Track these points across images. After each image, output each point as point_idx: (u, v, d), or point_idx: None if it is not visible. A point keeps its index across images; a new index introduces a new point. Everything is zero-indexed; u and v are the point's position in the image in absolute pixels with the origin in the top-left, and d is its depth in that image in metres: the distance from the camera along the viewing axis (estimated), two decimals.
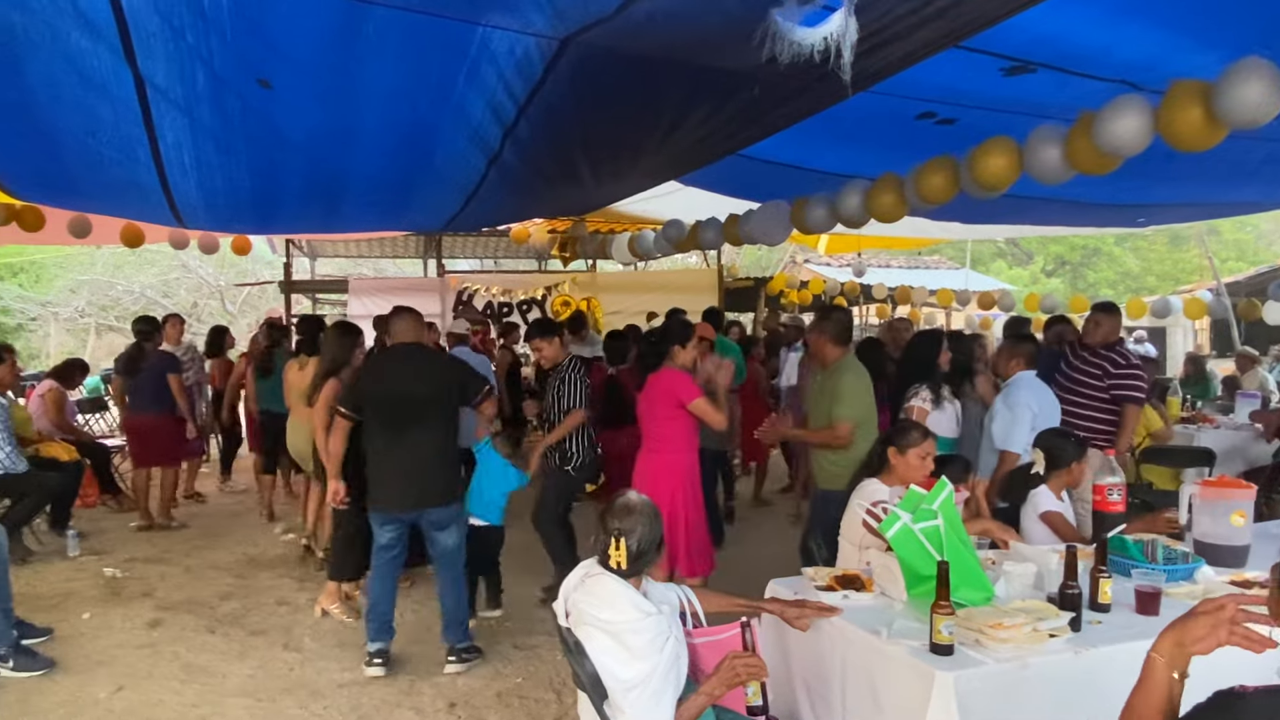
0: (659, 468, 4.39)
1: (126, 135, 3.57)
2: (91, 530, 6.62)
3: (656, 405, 4.42)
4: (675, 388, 4.37)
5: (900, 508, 2.59)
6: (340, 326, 5.25)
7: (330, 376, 4.74)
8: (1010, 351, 4.57)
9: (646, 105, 3.64)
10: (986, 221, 7.77)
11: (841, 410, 4.07)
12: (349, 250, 14.70)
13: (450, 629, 4.18)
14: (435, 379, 4.13)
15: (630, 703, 2.15)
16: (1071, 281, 25.90)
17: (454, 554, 4.18)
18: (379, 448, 4.10)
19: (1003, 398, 4.45)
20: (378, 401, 4.09)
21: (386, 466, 4.08)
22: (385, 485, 4.09)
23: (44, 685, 4.02)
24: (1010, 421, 4.31)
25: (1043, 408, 4.35)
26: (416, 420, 4.04)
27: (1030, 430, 4.23)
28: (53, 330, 22.89)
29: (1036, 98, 3.81)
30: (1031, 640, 2.26)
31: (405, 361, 4.15)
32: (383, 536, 4.13)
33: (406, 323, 4.23)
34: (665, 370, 4.45)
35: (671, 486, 4.32)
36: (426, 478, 4.06)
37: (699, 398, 4.34)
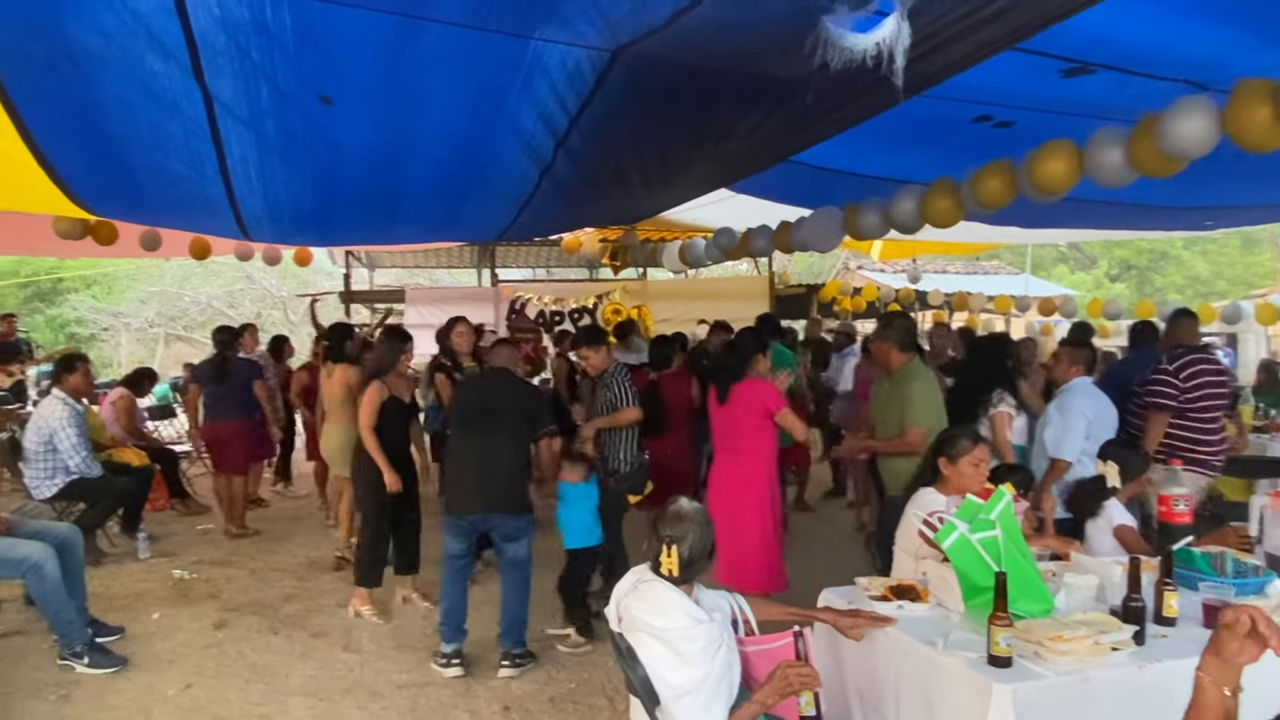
0: (743, 479, 4.38)
1: (195, 151, 3.71)
2: (161, 533, 6.85)
3: (743, 416, 4.40)
4: (764, 398, 4.38)
5: (957, 517, 2.55)
6: (391, 332, 5.43)
7: (374, 379, 4.90)
8: (1070, 356, 4.46)
9: (697, 114, 3.65)
10: (1047, 225, 7.59)
11: (913, 416, 4.00)
12: (405, 261, 14.99)
13: (507, 635, 4.25)
14: (516, 400, 4.38)
15: (682, 709, 2.16)
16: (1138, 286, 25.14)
17: (521, 564, 4.28)
18: (455, 454, 4.34)
19: (1057, 404, 4.35)
20: (460, 415, 4.38)
21: (460, 471, 4.29)
22: (456, 489, 4.29)
23: (117, 682, 4.17)
24: (1063, 428, 4.21)
25: (1097, 415, 4.24)
26: (491, 430, 4.25)
27: (1084, 438, 4.13)
28: (124, 340, 23.78)
29: (1097, 99, 3.72)
30: (1093, 653, 2.21)
31: (494, 380, 4.47)
32: (453, 545, 4.29)
33: (505, 351, 4.63)
34: (751, 380, 4.45)
35: (757, 498, 4.32)
36: (495, 485, 4.20)
37: (786, 408, 4.33)
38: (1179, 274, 25.09)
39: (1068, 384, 4.37)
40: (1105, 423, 4.28)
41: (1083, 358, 4.43)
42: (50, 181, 4.16)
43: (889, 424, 4.15)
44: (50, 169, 3.99)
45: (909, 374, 4.14)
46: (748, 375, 4.47)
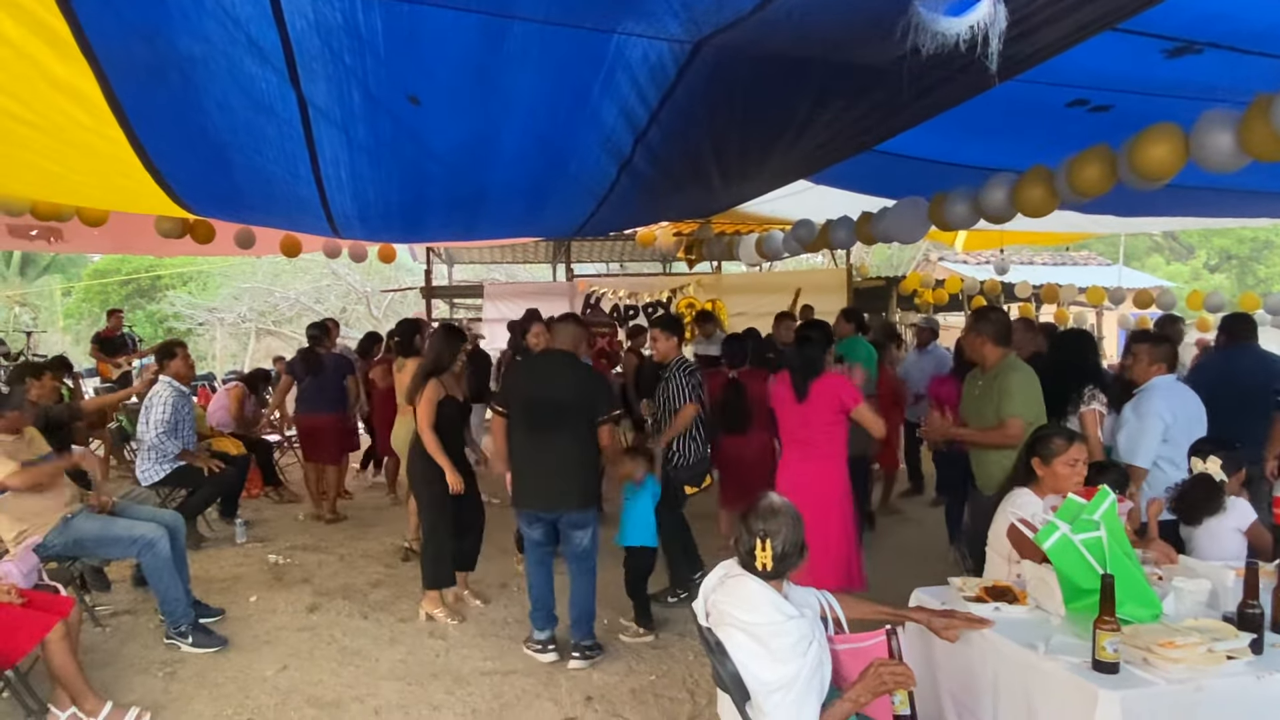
0: (815, 475, 4.32)
1: (290, 153, 3.83)
2: (255, 519, 7.14)
3: (819, 411, 4.34)
4: (841, 393, 4.31)
5: (1059, 517, 2.47)
6: (446, 329, 5.36)
7: (432, 377, 4.80)
8: (1149, 354, 4.09)
9: (779, 104, 3.60)
10: (1145, 214, 7.26)
11: (1012, 408, 3.84)
12: (483, 256, 15.26)
13: (577, 626, 4.29)
14: (578, 388, 4.27)
15: (774, 705, 2.14)
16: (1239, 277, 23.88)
17: (587, 553, 4.30)
18: (520, 448, 4.29)
19: (1133, 405, 4.04)
20: (522, 402, 4.28)
21: (527, 467, 4.26)
22: (525, 485, 4.28)
23: (218, 661, 4.37)
24: (1138, 432, 3.92)
25: (1178, 416, 3.92)
26: (557, 424, 4.19)
27: (1161, 442, 3.87)
28: (218, 334, 24.86)
29: (1203, 80, 3.53)
30: (1207, 661, 2.11)
31: (553, 367, 4.34)
32: (532, 533, 4.34)
33: (568, 331, 4.40)
34: (830, 375, 4.39)
35: (831, 495, 4.26)
36: (565, 480, 4.20)
37: (863, 403, 4.27)
38: None
39: (1147, 383, 4.07)
40: (1190, 421, 3.97)
41: (1163, 354, 4.09)
42: (155, 183, 4.36)
43: (985, 419, 3.99)
44: (155, 171, 4.18)
45: (1007, 367, 3.99)
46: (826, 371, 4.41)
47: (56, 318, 24.44)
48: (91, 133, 3.53)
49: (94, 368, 10.77)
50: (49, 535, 4.25)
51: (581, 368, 4.47)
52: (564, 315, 4.57)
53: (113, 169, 4.15)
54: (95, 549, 4.55)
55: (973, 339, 4.10)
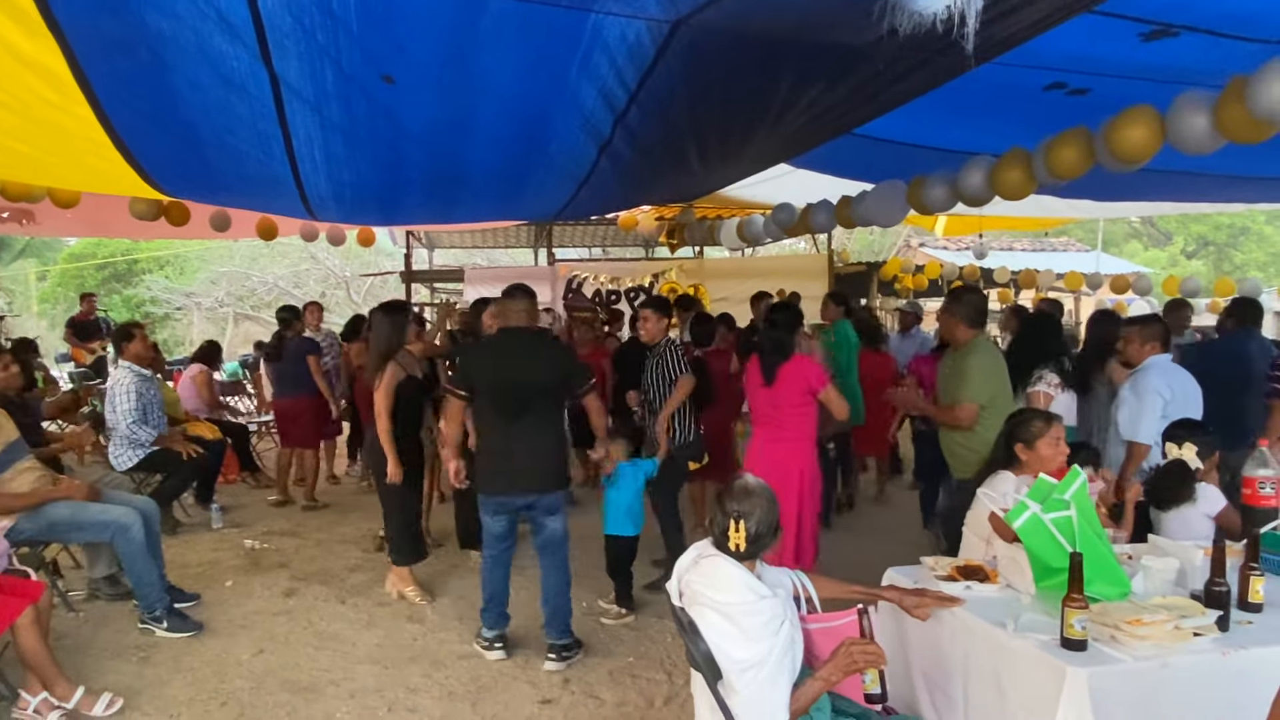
0: (785, 455, 4.36)
1: (263, 132, 3.78)
2: (232, 505, 7.08)
3: (787, 392, 4.37)
4: (808, 375, 4.33)
5: (1029, 497, 2.48)
6: (385, 308, 5.12)
7: (387, 360, 4.69)
8: (1141, 335, 4.24)
9: (758, 86, 3.59)
10: (1122, 198, 7.30)
11: (966, 392, 3.92)
12: (464, 241, 15.16)
13: (551, 624, 4.11)
14: (546, 365, 4.10)
15: (745, 683, 2.15)
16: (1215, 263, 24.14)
17: (559, 543, 4.14)
18: (491, 433, 4.08)
19: (1130, 384, 4.17)
20: (489, 386, 4.07)
21: (498, 450, 4.06)
22: (497, 470, 4.07)
23: (193, 645, 4.34)
24: (1138, 410, 4.04)
25: (1176, 394, 4.05)
26: (528, 406, 4.02)
27: (1160, 418, 3.97)
28: (195, 319, 24.61)
29: (1180, 63, 3.55)
30: (1174, 638, 2.13)
31: (517, 346, 4.09)
32: (495, 526, 4.12)
33: (520, 304, 4.14)
34: (798, 357, 4.41)
35: (799, 474, 4.30)
36: (537, 462, 4.05)
37: (829, 386, 4.28)
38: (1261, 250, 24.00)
39: (1144, 363, 4.20)
40: (1186, 400, 4.07)
41: (1155, 334, 4.22)
42: (126, 163, 4.29)
43: (949, 398, 4.11)
44: (126, 151, 4.11)
45: (971, 348, 4.07)
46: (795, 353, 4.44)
47: (31, 302, 24.11)
48: (60, 111, 3.46)
49: (68, 353, 10.64)
50: (20, 519, 4.19)
51: (548, 344, 4.31)
52: (511, 288, 4.26)
53: (83, 148, 4.07)
54: (68, 533, 4.52)
55: (946, 319, 4.16)
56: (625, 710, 3.67)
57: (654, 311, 5.12)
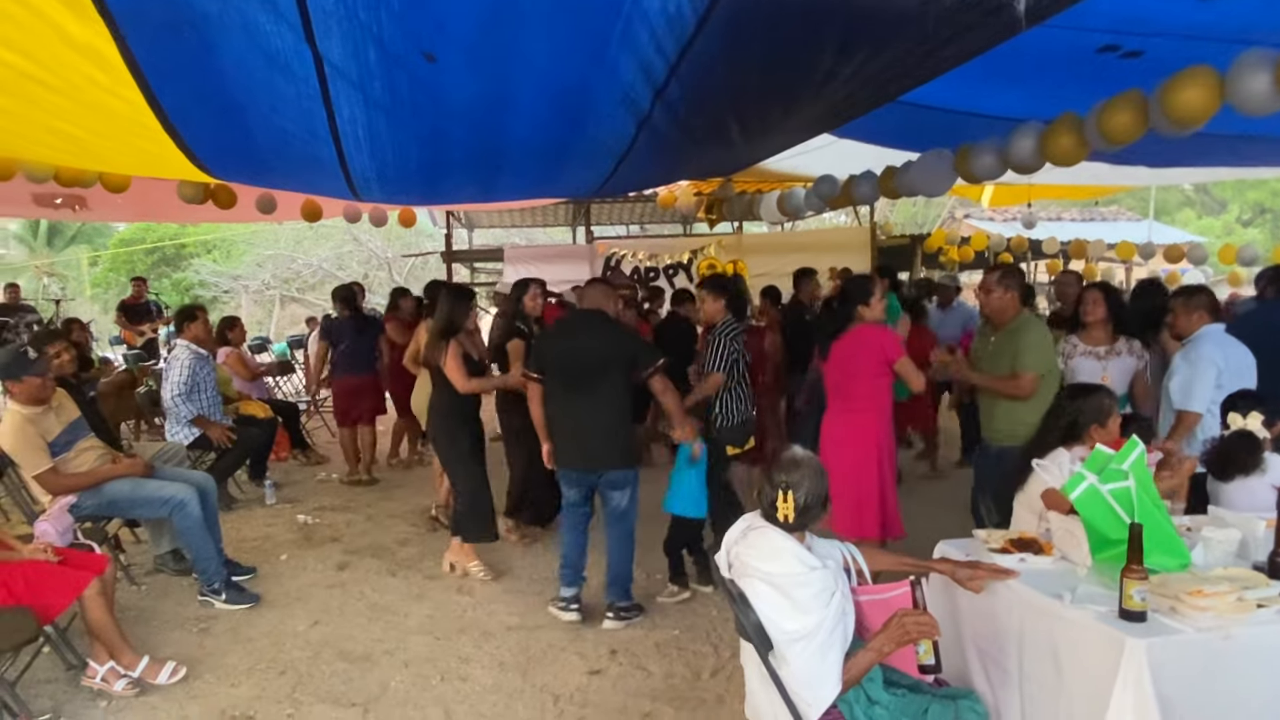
0: (859, 427, 4.33)
1: (307, 111, 3.80)
2: (284, 481, 7.26)
3: (859, 363, 4.33)
4: (884, 344, 4.29)
5: (1086, 468, 2.44)
6: (452, 289, 5.35)
7: (448, 337, 4.82)
8: (1186, 306, 4.18)
9: (801, 54, 3.52)
10: (1177, 164, 7.07)
11: (1027, 361, 3.93)
12: (502, 220, 15.22)
13: (612, 587, 4.32)
14: (612, 345, 4.25)
15: (796, 654, 2.15)
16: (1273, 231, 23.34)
17: (625, 513, 4.30)
18: (556, 408, 4.29)
19: (1183, 353, 4.09)
20: (557, 363, 4.28)
21: (564, 427, 4.27)
22: (566, 445, 4.28)
23: (251, 617, 4.46)
24: (1191, 378, 3.96)
25: (1229, 363, 3.96)
26: (592, 384, 4.18)
27: (1214, 387, 3.87)
28: (243, 302, 25.09)
29: (1240, 21, 3.41)
30: (1237, 610, 2.09)
31: (585, 326, 4.34)
32: (571, 495, 4.34)
33: (596, 291, 4.45)
34: (867, 327, 4.36)
35: (871, 446, 4.27)
36: (601, 440, 4.19)
37: (904, 356, 4.25)
38: None
39: (1197, 332, 4.11)
40: (1241, 371, 3.98)
41: (1203, 303, 4.15)
42: (175, 146, 4.36)
43: (999, 372, 4.06)
44: (175, 133, 4.17)
45: (1025, 323, 4.09)
46: (858, 323, 4.37)
47: (84, 287, 24.76)
48: (110, 94, 3.52)
49: (119, 335, 10.92)
50: (83, 495, 4.33)
51: (613, 324, 4.43)
52: (592, 280, 4.67)
53: (132, 131, 4.14)
54: (128, 509, 4.66)
55: (1004, 295, 4.08)
56: (673, 682, 3.70)
57: (710, 293, 5.12)
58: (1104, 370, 4.38)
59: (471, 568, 4.95)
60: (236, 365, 7.91)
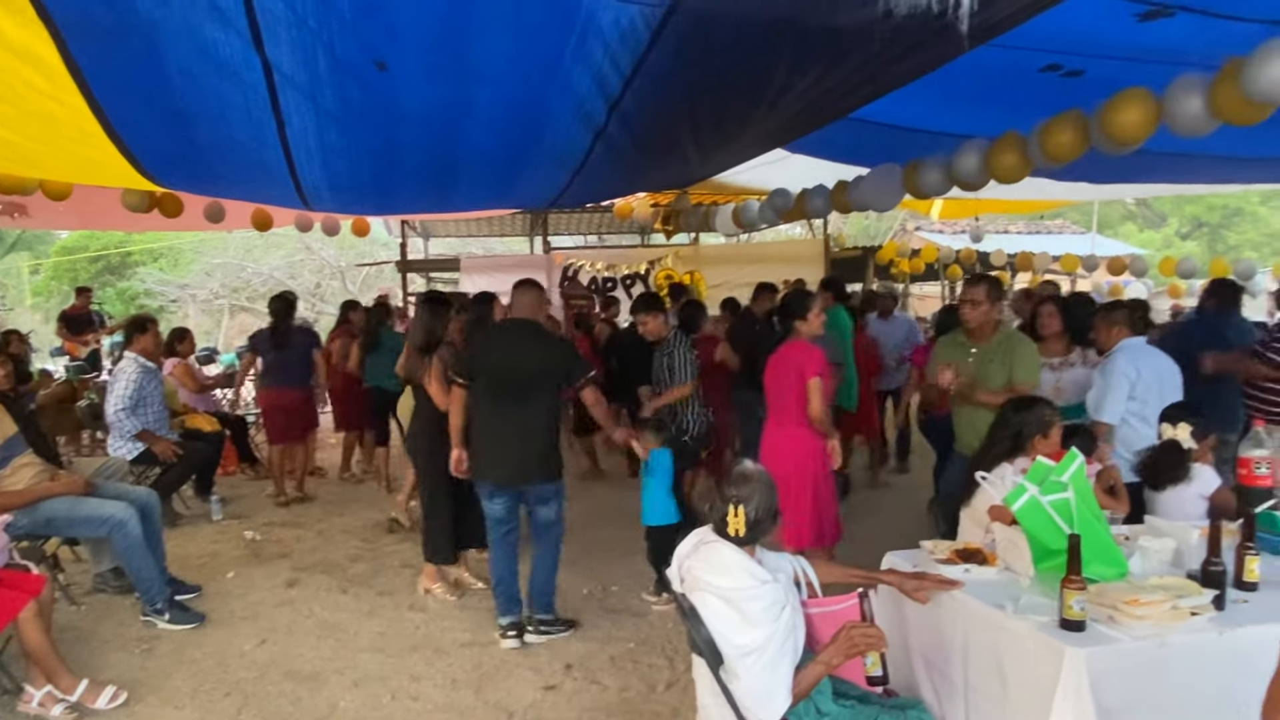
0: (788, 439, 4.37)
1: (256, 120, 3.75)
2: (232, 496, 7.08)
3: (785, 378, 4.39)
4: (803, 361, 4.33)
5: (1027, 479, 2.49)
6: (428, 301, 5.16)
7: (430, 352, 4.70)
8: (1106, 321, 4.33)
9: (753, 71, 3.57)
10: (1117, 180, 7.29)
11: (1024, 376, 4.02)
12: (459, 230, 15.13)
13: (536, 600, 4.22)
14: (546, 357, 4.16)
15: (747, 668, 2.16)
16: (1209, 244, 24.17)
17: (551, 526, 4.20)
18: (484, 419, 4.15)
19: (1101, 367, 4.25)
20: (487, 372, 4.15)
21: (491, 438, 4.13)
22: (489, 457, 4.14)
23: (196, 637, 4.35)
24: (1104, 390, 4.10)
25: (1144, 374, 4.07)
26: (522, 395, 4.08)
27: (1126, 399, 4.02)
28: (191, 311, 24.54)
29: (1175, 44, 3.54)
30: (1171, 618, 2.15)
31: (519, 336, 4.20)
32: (493, 510, 4.17)
33: (527, 298, 4.24)
34: (796, 342, 4.42)
35: (803, 457, 4.29)
36: (528, 452, 4.08)
37: (818, 377, 4.28)
38: (1255, 230, 24.02)
39: (1115, 346, 4.23)
40: (1160, 381, 4.10)
41: (1121, 318, 4.29)
42: (119, 153, 4.27)
43: (989, 384, 4.09)
44: (119, 140, 4.08)
45: (1015, 337, 4.21)
46: (795, 337, 4.43)
47: (24, 296, 24.00)
48: (51, 100, 3.43)
49: (61, 346, 10.60)
50: (19, 514, 4.19)
51: (547, 336, 4.34)
52: (523, 281, 4.37)
53: (75, 139, 4.04)
54: (65, 528, 4.52)
55: (990, 308, 4.17)
56: (627, 696, 3.69)
57: (646, 312, 5.15)
58: (1057, 381, 4.50)
59: (436, 589, 4.81)
60: (184, 377, 7.72)
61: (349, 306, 8.11)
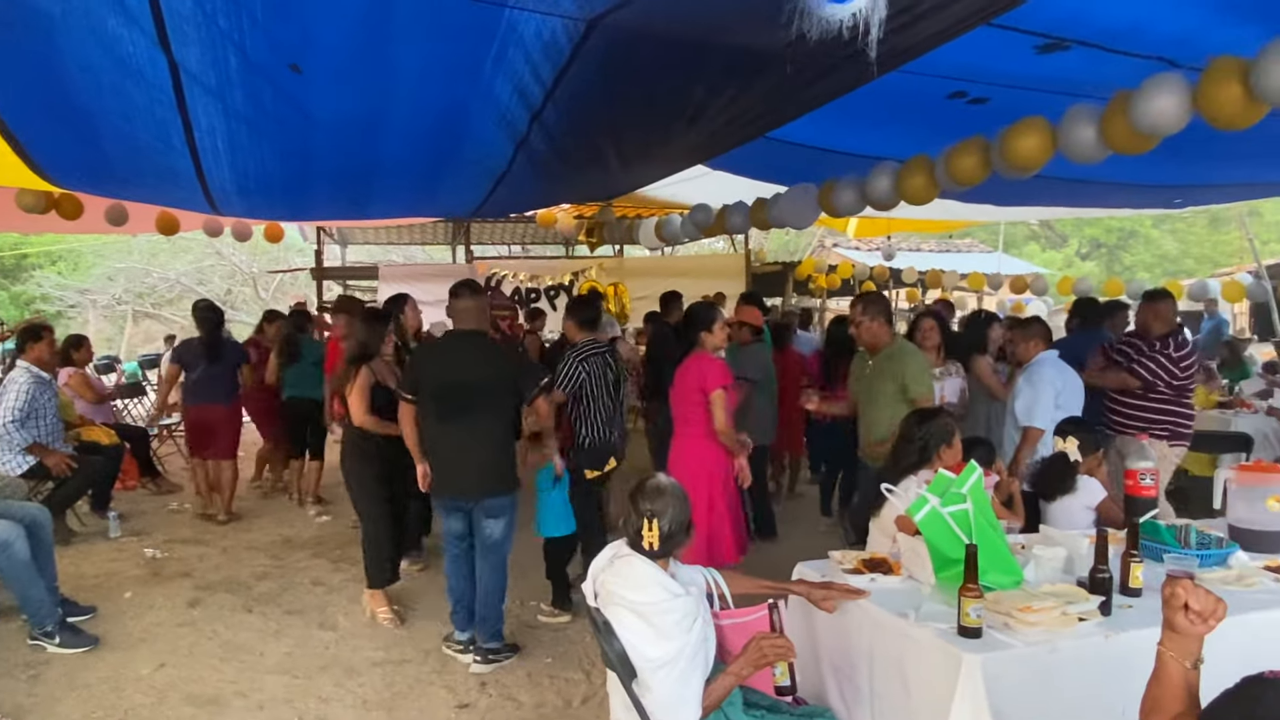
0: (690, 452, 4.40)
1: (161, 119, 3.62)
2: (131, 512, 6.77)
3: (688, 391, 4.43)
4: (703, 373, 4.37)
5: (930, 491, 2.58)
6: (368, 314, 5.08)
7: (362, 364, 4.58)
8: (1025, 335, 4.60)
9: (673, 88, 3.62)
10: (1020, 203, 7.64)
11: (915, 389, 4.13)
12: (379, 237, 14.83)
13: (481, 626, 4.07)
14: (496, 370, 4.04)
15: (658, 681, 2.18)
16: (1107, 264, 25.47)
17: (499, 544, 4.06)
18: (433, 434, 4.03)
19: (1026, 376, 4.45)
20: (435, 387, 4.00)
21: (442, 453, 4.02)
22: (442, 472, 4.03)
23: (88, 661, 4.13)
24: (1034, 398, 4.30)
25: (1064, 386, 4.33)
26: (472, 409, 3.96)
27: (1054, 407, 4.21)
28: (91, 317, 23.38)
29: (1070, 76, 3.74)
30: (1061, 624, 2.25)
31: (466, 348, 4.07)
32: (450, 525, 4.10)
33: (470, 308, 4.08)
34: (699, 355, 4.46)
35: (704, 471, 4.32)
36: (481, 467, 3.98)
37: (719, 390, 4.31)
38: (1148, 252, 25.43)
39: (1035, 358, 4.46)
40: (1073, 394, 4.36)
41: (1039, 332, 4.56)
42: (13, 152, 4.06)
43: (882, 395, 4.21)
44: (12, 138, 3.89)
45: (905, 351, 4.30)
46: (699, 349, 4.47)
47: None
48: None
49: None
50: None
51: (495, 347, 4.23)
52: (458, 285, 4.16)
53: None
54: None
55: (871, 322, 4.29)
56: (543, 711, 3.66)
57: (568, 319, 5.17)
58: (941, 390, 4.71)
59: (381, 613, 4.59)
60: (80, 387, 7.34)
61: (270, 317, 7.84)
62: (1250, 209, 18.84)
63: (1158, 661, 1.59)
